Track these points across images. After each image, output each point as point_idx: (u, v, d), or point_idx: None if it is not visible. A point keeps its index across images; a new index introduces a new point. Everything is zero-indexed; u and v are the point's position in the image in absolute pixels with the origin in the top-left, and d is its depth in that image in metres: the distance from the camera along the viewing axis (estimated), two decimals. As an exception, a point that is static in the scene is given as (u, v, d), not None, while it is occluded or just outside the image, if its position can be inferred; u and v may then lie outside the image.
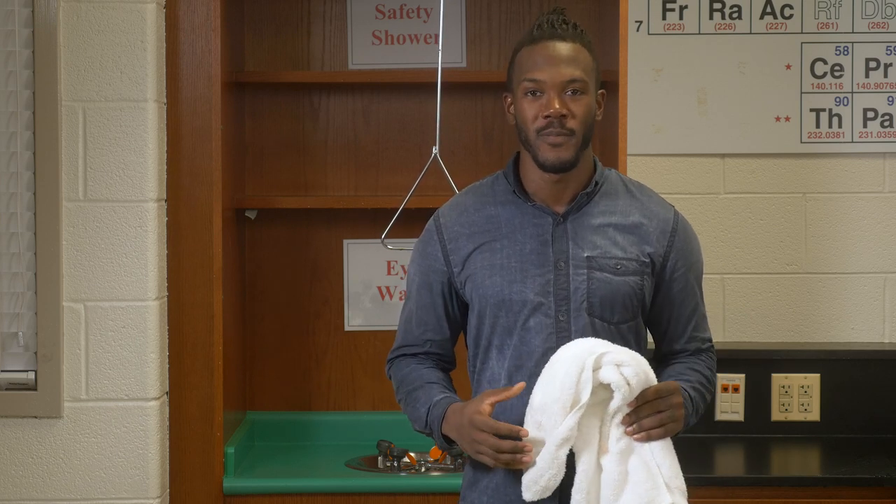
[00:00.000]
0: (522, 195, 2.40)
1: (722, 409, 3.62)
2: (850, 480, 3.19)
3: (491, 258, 2.38)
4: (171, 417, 3.29)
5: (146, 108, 3.16)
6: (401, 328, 2.52)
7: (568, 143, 2.32)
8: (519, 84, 2.36)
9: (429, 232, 2.47)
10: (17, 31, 3.14)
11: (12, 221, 3.17)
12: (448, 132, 3.56)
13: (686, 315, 2.44)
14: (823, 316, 3.76)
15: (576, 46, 2.35)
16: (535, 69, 2.33)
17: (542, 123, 2.32)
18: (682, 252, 2.42)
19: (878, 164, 3.74)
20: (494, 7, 3.65)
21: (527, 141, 2.36)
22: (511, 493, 2.31)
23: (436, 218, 2.48)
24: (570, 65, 2.33)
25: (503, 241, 2.39)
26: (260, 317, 3.66)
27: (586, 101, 2.34)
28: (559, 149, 2.32)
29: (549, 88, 2.32)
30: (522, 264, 2.36)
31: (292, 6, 3.64)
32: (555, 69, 2.32)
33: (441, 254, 2.43)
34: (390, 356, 2.53)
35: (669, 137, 3.73)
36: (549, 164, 2.34)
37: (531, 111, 2.33)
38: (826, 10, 3.72)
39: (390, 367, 2.53)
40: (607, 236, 2.37)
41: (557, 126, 2.31)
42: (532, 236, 2.38)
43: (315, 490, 3.23)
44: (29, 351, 3.18)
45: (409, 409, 2.44)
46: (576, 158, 2.35)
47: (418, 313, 2.47)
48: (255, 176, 3.65)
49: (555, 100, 2.31)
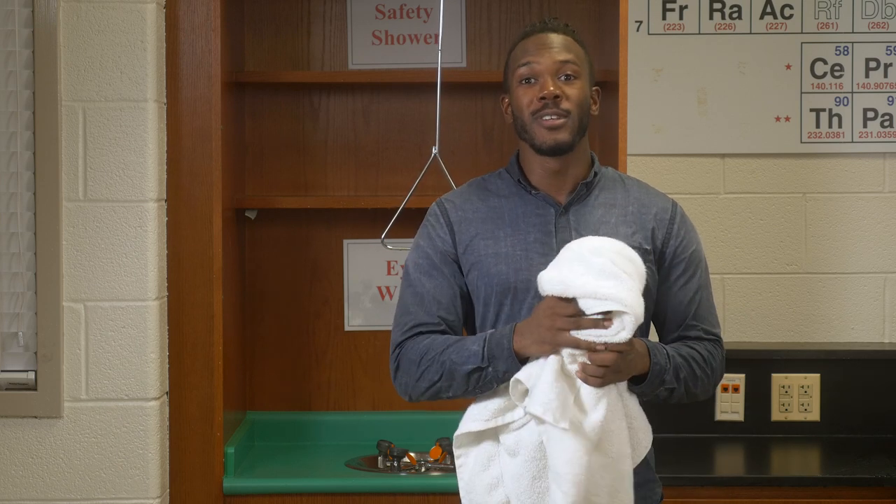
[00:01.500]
0: (526, 186, 2.43)
1: (722, 409, 3.62)
2: (850, 480, 3.20)
3: (495, 246, 2.39)
4: (171, 417, 3.29)
5: (146, 108, 3.16)
6: (407, 312, 2.41)
7: (564, 125, 2.35)
8: (514, 73, 2.40)
9: (434, 216, 2.46)
10: (17, 31, 3.14)
11: (12, 221, 3.17)
12: (448, 132, 3.56)
13: (685, 303, 2.42)
14: (823, 316, 3.76)
15: (567, 38, 2.41)
16: (528, 55, 2.39)
17: (537, 105, 2.35)
18: (681, 240, 2.43)
19: (878, 164, 3.74)
20: (494, 7, 3.65)
21: (523, 128, 2.39)
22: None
23: (439, 204, 2.48)
24: (563, 51, 2.38)
25: (506, 229, 2.40)
26: (260, 317, 3.66)
27: (580, 84, 2.38)
28: (555, 132, 2.35)
29: (543, 72, 2.36)
30: (527, 252, 2.37)
31: (292, 6, 3.64)
32: (547, 53, 2.37)
33: (448, 236, 2.43)
34: (401, 339, 2.40)
35: (669, 137, 3.73)
36: (546, 147, 2.36)
37: (526, 97, 2.37)
38: (826, 10, 3.72)
39: (401, 349, 2.39)
40: (609, 226, 2.39)
41: (553, 107, 2.34)
42: (535, 226, 2.39)
43: (315, 490, 3.23)
44: (29, 351, 3.18)
45: (448, 362, 2.31)
46: (573, 141, 2.37)
47: (432, 293, 2.40)
48: (255, 176, 3.65)
49: (549, 82, 2.35)
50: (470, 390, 2.32)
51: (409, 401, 2.42)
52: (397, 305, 2.46)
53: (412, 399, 2.40)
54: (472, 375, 2.30)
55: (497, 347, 2.28)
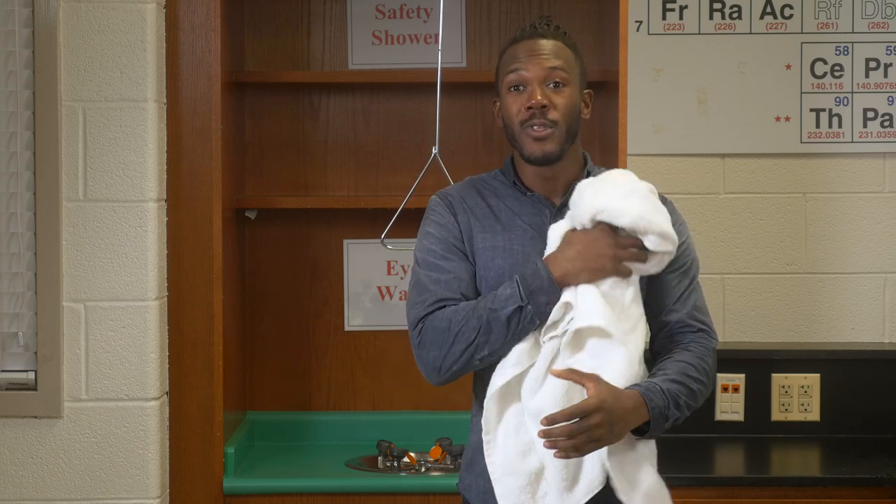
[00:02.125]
0: (521, 187, 2.44)
1: (722, 409, 3.62)
2: (850, 480, 3.19)
3: (493, 241, 2.40)
4: (171, 417, 3.29)
5: (146, 108, 3.16)
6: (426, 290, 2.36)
7: (552, 135, 2.36)
8: (503, 79, 2.41)
9: (438, 205, 2.46)
10: (17, 31, 3.14)
11: (12, 221, 3.17)
12: (448, 132, 3.56)
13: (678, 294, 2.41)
14: (823, 316, 3.76)
15: (557, 44, 2.40)
16: (517, 62, 2.39)
17: (525, 115, 2.36)
18: None
19: (878, 164, 3.74)
20: (494, 7, 3.65)
21: (513, 137, 2.40)
22: None
23: (441, 195, 2.49)
24: (551, 58, 2.38)
25: (502, 227, 2.41)
26: (260, 317, 3.66)
27: (568, 92, 2.38)
28: (543, 142, 2.36)
29: (531, 81, 2.37)
30: (524, 248, 2.38)
31: (292, 6, 3.64)
32: (535, 61, 2.37)
33: (455, 225, 2.43)
34: (423, 313, 2.34)
35: (669, 137, 3.73)
36: (534, 158, 2.38)
37: (515, 105, 2.38)
38: (826, 10, 3.72)
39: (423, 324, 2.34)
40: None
41: (540, 117, 2.35)
42: (531, 226, 2.41)
43: (315, 490, 3.23)
44: (29, 351, 3.18)
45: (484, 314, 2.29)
46: (561, 151, 2.38)
47: (453, 273, 2.37)
48: (255, 176, 3.65)
49: (536, 91, 2.36)
50: (509, 338, 2.29)
51: (436, 378, 2.35)
52: (411, 289, 2.41)
53: (441, 373, 2.33)
54: (511, 319, 2.28)
55: (535, 280, 2.28)
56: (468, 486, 2.44)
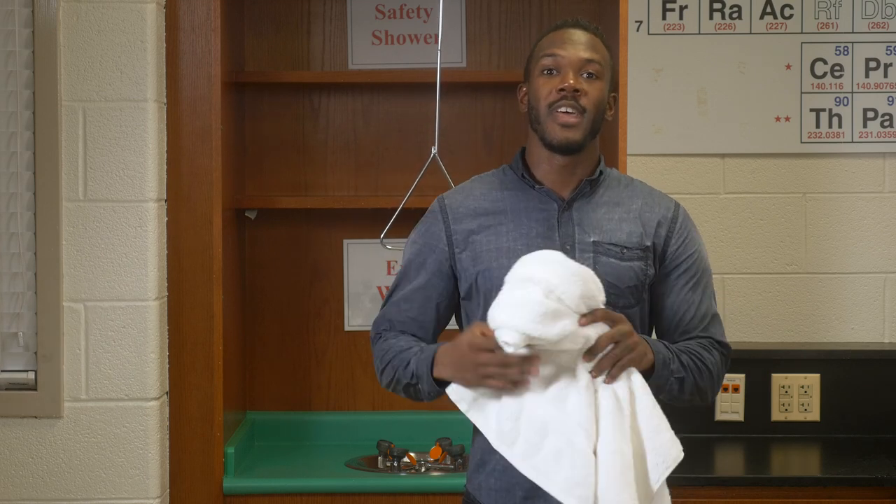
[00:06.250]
0: (530, 181, 2.43)
1: (722, 409, 3.62)
2: (850, 480, 3.20)
3: (497, 241, 2.40)
4: (171, 417, 3.29)
5: (146, 108, 3.16)
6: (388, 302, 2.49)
7: (578, 124, 2.35)
8: (537, 63, 2.40)
9: (433, 213, 2.48)
10: (17, 31, 3.14)
11: (12, 221, 3.17)
12: (448, 132, 3.56)
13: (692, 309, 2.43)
14: (823, 316, 3.76)
15: (595, 39, 2.41)
16: (554, 46, 2.39)
17: (555, 97, 2.35)
18: (683, 240, 2.44)
19: (878, 164, 3.74)
20: (494, 7, 3.65)
21: (537, 119, 2.39)
22: (520, 474, 2.30)
23: (440, 200, 2.49)
24: (589, 49, 2.38)
25: (509, 224, 2.41)
26: (260, 317, 3.66)
27: (600, 86, 2.38)
28: (568, 129, 2.35)
29: (566, 66, 2.36)
30: (529, 248, 2.36)
31: (292, 6, 3.64)
32: (573, 48, 2.38)
33: (444, 234, 2.44)
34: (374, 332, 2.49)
35: (669, 137, 3.73)
36: (556, 143, 2.36)
37: (545, 88, 2.37)
38: (826, 10, 3.72)
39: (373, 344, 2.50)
40: (612, 223, 2.40)
41: (570, 100, 2.34)
42: (538, 220, 2.40)
43: (315, 490, 3.23)
44: (29, 351, 3.18)
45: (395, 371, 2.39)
46: (583, 141, 2.37)
47: (407, 292, 2.46)
48: (255, 176, 3.65)
49: (570, 75, 2.35)
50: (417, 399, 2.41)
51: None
52: (392, 283, 2.53)
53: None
54: (409, 389, 2.39)
55: (421, 367, 2.35)
56: (478, 485, 2.43)
